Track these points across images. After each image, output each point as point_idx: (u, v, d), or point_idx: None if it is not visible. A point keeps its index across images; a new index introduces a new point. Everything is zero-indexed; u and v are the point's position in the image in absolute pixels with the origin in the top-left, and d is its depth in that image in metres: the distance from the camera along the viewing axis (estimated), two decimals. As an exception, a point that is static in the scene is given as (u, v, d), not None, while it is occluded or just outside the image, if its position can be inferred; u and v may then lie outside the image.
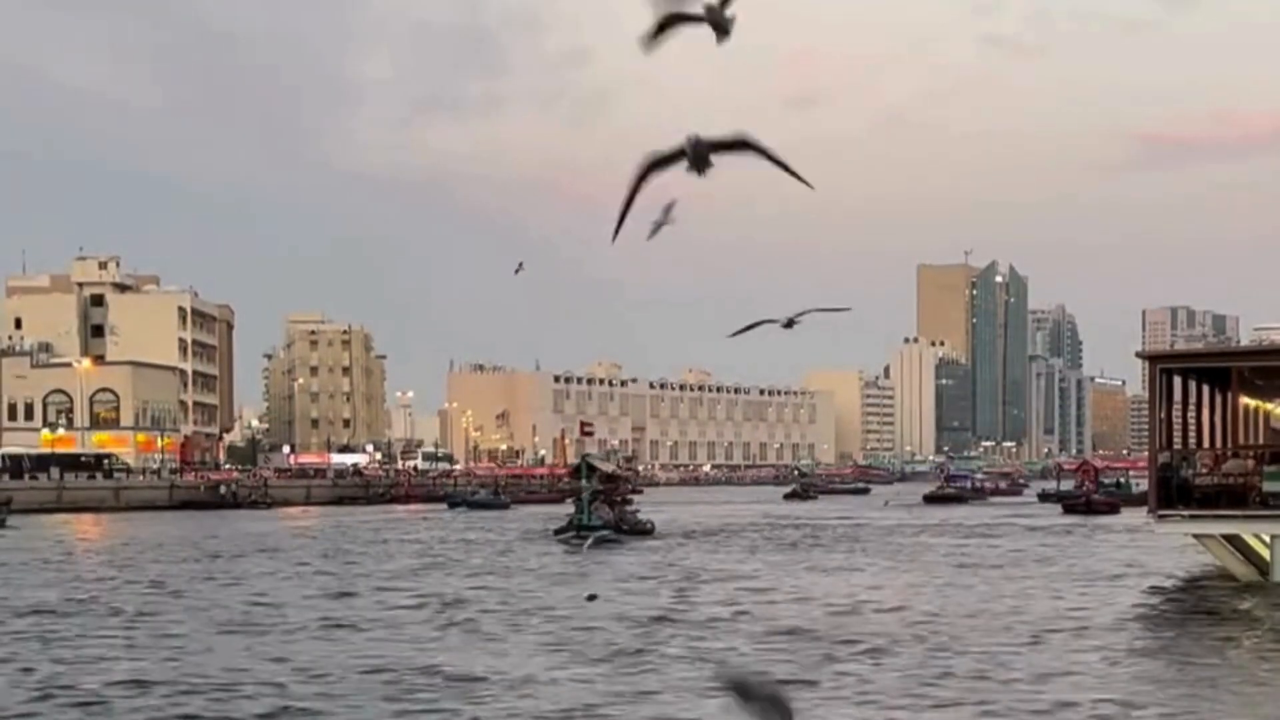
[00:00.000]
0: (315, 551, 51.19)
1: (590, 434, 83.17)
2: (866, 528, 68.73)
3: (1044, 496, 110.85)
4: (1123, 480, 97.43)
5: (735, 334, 9.35)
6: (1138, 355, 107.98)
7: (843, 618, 27.97)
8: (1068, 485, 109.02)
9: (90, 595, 34.39)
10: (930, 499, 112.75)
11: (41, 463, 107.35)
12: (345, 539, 60.78)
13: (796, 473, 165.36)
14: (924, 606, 30.07)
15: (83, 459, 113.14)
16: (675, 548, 51.94)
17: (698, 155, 4.71)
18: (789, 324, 8.92)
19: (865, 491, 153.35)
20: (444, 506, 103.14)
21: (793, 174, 4.80)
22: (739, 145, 4.84)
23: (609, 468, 72.68)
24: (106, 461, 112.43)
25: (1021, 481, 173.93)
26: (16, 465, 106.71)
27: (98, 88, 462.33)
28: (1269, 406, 39.68)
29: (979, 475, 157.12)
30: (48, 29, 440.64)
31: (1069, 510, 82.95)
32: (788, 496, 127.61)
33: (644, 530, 58.63)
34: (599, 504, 58.16)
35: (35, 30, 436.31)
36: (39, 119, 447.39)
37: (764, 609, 29.70)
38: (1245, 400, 36.67)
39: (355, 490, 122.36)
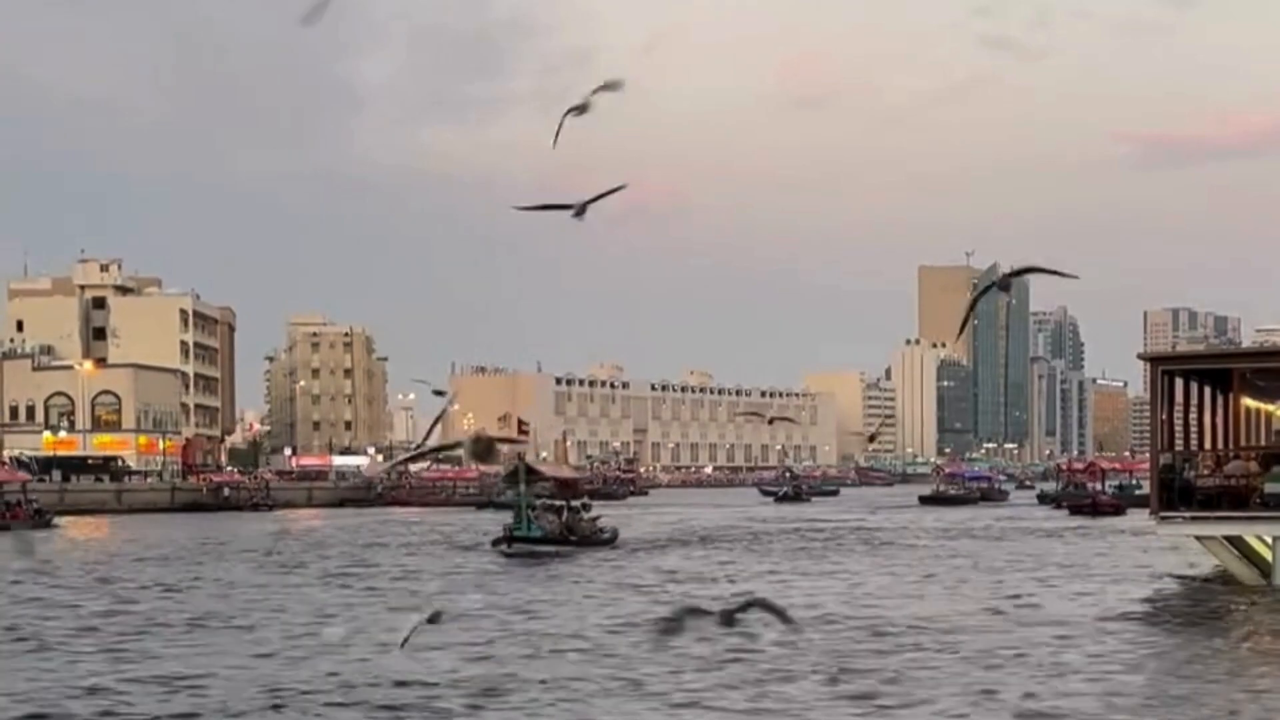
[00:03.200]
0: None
1: (526, 432, 76.39)
2: (877, 532, 68.53)
3: (1043, 498, 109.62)
4: (1125, 482, 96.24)
5: (524, 208, 8.80)
6: (1139, 357, 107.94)
7: (839, 622, 27.93)
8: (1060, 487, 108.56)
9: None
10: (926, 500, 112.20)
11: (49, 465, 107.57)
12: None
13: (788, 474, 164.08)
14: (922, 608, 30.05)
15: (89, 461, 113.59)
16: (631, 559, 46.92)
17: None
18: (580, 211, 8.50)
19: (835, 493, 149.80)
20: (449, 509, 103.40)
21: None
22: None
23: (560, 471, 65.67)
24: (114, 464, 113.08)
25: (1029, 483, 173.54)
26: (26, 468, 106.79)
27: (99, 90, 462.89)
28: (1271, 408, 39.63)
29: (1002, 476, 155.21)
30: (47, 32, 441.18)
31: (1075, 512, 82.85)
32: (779, 499, 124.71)
33: (600, 540, 51.72)
34: (540, 511, 50.96)
35: (34, 33, 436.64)
36: (39, 121, 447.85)
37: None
38: (1247, 402, 36.62)
39: (357, 492, 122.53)
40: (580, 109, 7.50)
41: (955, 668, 21.36)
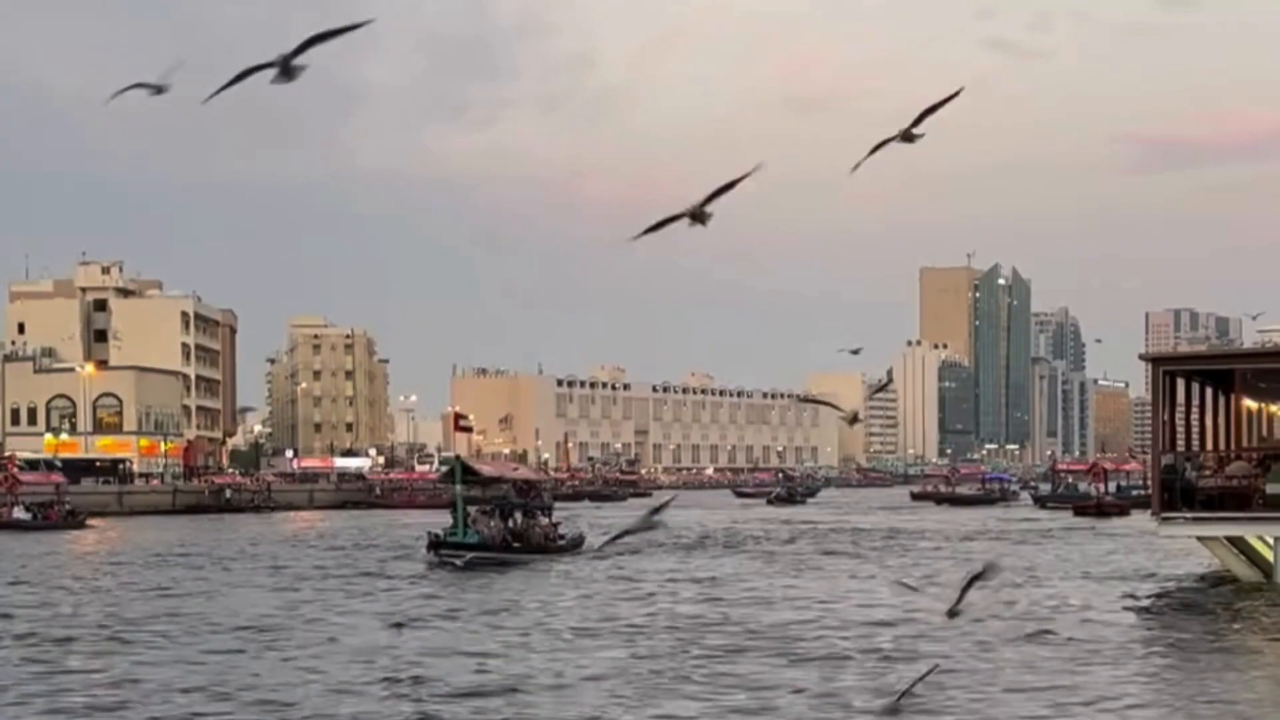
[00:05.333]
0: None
1: (468, 429, 70.47)
2: (871, 534, 68.32)
3: (1038, 500, 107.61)
4: (1122, 484, 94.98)
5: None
6: (1140, 357, 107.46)
7: (832, 623, 27.92)
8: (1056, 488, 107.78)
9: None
10: (942, 500, 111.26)
11: (52, 468, 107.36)
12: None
13: (781, 475, 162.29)
14: (920, 608, 30.04)
15: (97, 464, 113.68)
16: (580, 568, 42.54)
17: None
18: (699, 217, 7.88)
19: (812, 495, 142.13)
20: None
21: None
22: None
23: (510, 470, 61.85)
24: (121, 466, 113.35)
25: (1032, 484, 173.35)
26: (59, 470, 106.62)
27: (100, 93, 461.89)
28: (1272, 409, 39.67)
29: (1012, 477, 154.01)
30: (48, 34, 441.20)
31: (1079, 512, 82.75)
32: (772, 501, 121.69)
33: (555, 548, 47.02)
34: (477, 515, 45.90)
35: (36, 35, 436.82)
36: (41, 124, 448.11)
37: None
38: (1248, 402, 36.66)
39: (358, 494, 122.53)
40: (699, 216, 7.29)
41: (957, 668, 21.38)
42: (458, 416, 65.87)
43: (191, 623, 29.10)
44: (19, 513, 73.62)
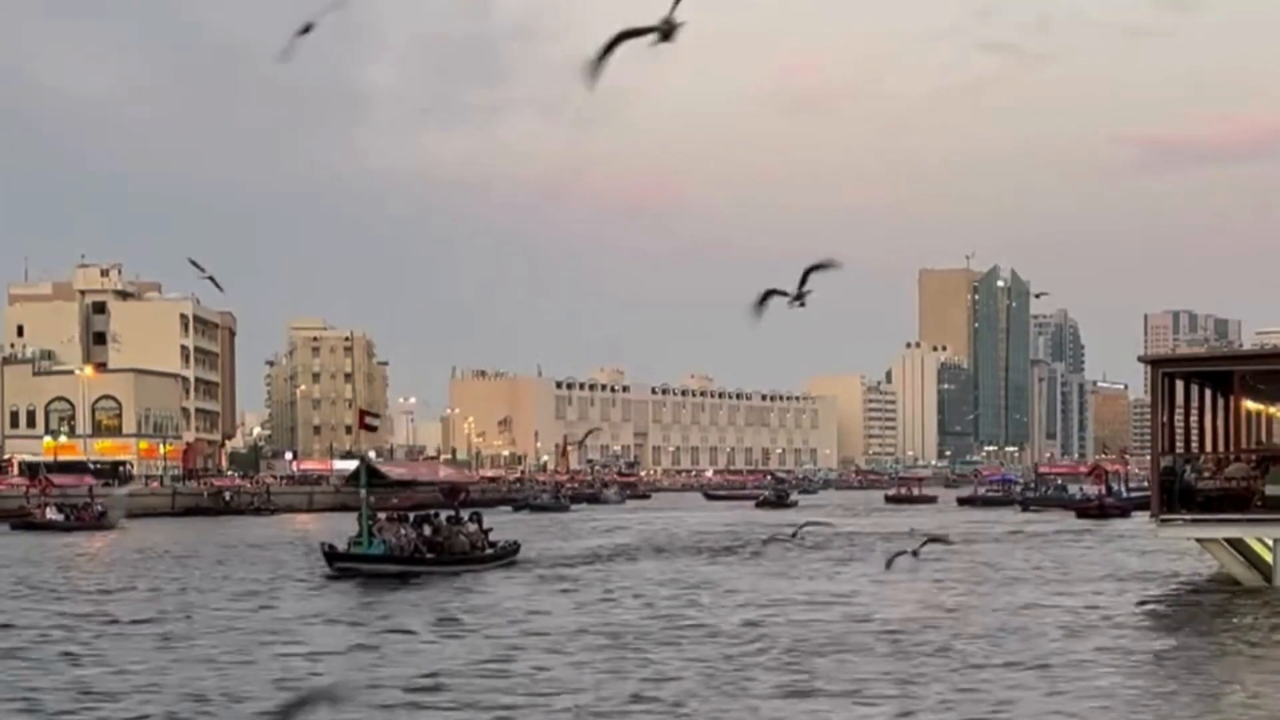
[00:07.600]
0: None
1: (374, 428, 63.85)
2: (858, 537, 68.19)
3: (1021, 503, 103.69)
4: (1115, 486, 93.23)
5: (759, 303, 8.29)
6: (1140, 359, 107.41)
7: (825, 623, 27.90)
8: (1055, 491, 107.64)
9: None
10: (965, 502, 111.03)
11: (52, 470, 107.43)
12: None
13: (771, 478, 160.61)
14: (919, 609, 30.05)
15: (98, 466, 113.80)
16: (491, 584, 38.08)
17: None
18: (798, 298, 8.03)
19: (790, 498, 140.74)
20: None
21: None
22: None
23: (427, 471, 58.06)
24: (120, 468, 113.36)
25: (1032, 485, 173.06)
26: (33, 472, 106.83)
27: (100, 95, 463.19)
28: (1271, 410, 39.69)
29: (1017, 480, 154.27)
30: (50, 36, 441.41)
31: (1081, 515, 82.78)
32: (760, 504, 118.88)
33: (483, 558, 42.72)
34: (384, 523, 42.16)
35: (37, 37, 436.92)
36: (41, 126, 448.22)
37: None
38: (1247, 404, 36.67)
39: (357, 497, 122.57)
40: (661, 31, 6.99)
41: (952, 670, 21.38)
42: (363, 414, 59.76)
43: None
44: (52, 514, 74.33)
